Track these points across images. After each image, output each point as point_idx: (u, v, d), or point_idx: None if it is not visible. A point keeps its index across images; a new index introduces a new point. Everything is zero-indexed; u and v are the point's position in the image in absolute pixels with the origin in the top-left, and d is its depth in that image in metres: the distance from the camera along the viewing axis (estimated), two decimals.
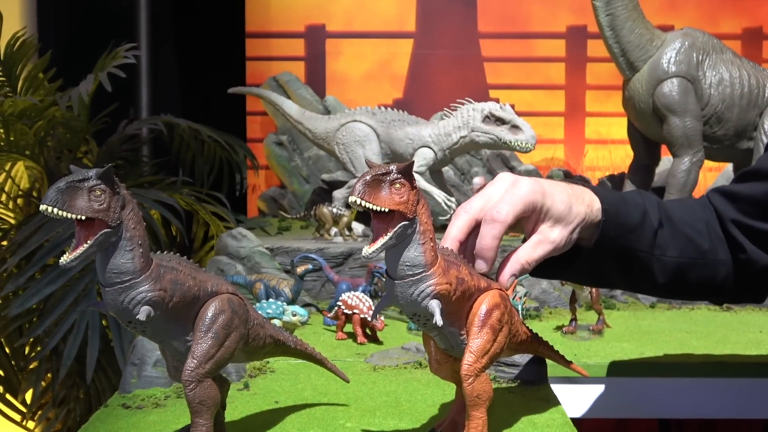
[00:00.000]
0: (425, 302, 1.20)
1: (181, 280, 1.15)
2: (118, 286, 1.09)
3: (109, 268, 1.09)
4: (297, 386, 1.75)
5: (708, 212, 1.60)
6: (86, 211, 1.04)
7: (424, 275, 1.19)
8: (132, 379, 1.74)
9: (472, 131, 3.43)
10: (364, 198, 1.14)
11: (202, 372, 1.16)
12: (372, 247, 1.15)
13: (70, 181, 1.04)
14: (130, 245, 1.09)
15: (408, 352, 2.06)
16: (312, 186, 4.56)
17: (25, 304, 2.88)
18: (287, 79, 4.81)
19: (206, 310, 1.19)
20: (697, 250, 1.52)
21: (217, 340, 1.18)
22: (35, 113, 3.46)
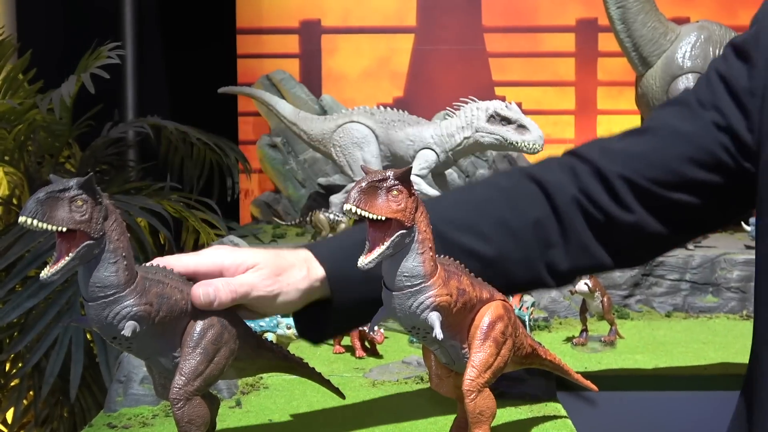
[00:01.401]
0: (424, 314, 1.21)
1: (168, 293, 1.16)
2: (102, 300, 1.10)
3: (92, 282, 1.09)
4: (292, 403, 1.76)
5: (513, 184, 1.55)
6: (67, 222, 1.05)
7: (423, 286, 1.20)
8: (118, 397, 1.75)
9: (476, 132, 3.44)
10: (360, 206, 1.15)
11: (190, 390, 1.16)
12: (368, 258, 1.16)
13: (50, 191, 1.05)
14: (113, 257, 1.10)
15: (409, 366, 2.07)
16: (308, 191, 4.57)
17: (5, 318, 2.89)
18: (281, 78, 4.82)
19: (194, 324, 1.20)
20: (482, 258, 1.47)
21: (206, 356, 1.19)
22: (15, 117, 3.47)
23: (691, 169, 1.49)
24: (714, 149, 1.48)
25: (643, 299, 2.93)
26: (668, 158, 1.51)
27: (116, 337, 1.12)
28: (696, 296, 2.92)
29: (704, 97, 1.52)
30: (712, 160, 1.48)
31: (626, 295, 2.93)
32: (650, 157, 1.52)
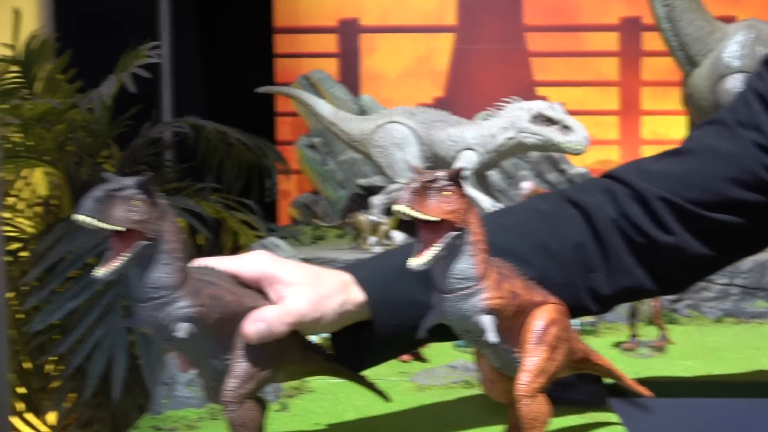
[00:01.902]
0: (477, 318, 1.20)
1: (220, 295, 1.16)
2: (156, 301, 1.10)
3: (145, 283, 1.09)
4: (338, 407, 1.76)
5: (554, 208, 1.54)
6: (124, 221, 1.05)
7: (476, 289, 1.19)
8: (163, 400, 1.75)
9: (519, 132, 3.42)
10: (412, 206, 1.14)
11: (243, 392, 1.17)
12: (420, 259, 1.16)
13: (107, 189, 1.05)
14: (168, 259, 1.10)
15: (455, 370, 2.06)
16: (347, 192, 4.57)
17: (48, 319, 2.91)
18: (319, 77, 4.82)
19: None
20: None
21: (258, 358, 1.19)
22: (54, 116, 3.51)
23: (733, 190, 1.49)
24: (756, 169, 1.48)
25: (692, 304, 2.91)
26: (709, 179, 1.50)
27: (169, 338, 1.12)
28: (746, 301, 2.89)
29: (743, 117, 1.52)
30: (755, 180, 1.48)
31: (675, 300, 2.91)
32: (690, 178, 1.51)
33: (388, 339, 1.39)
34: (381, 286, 1.37)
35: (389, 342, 1.40)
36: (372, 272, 1.39)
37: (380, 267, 1.42)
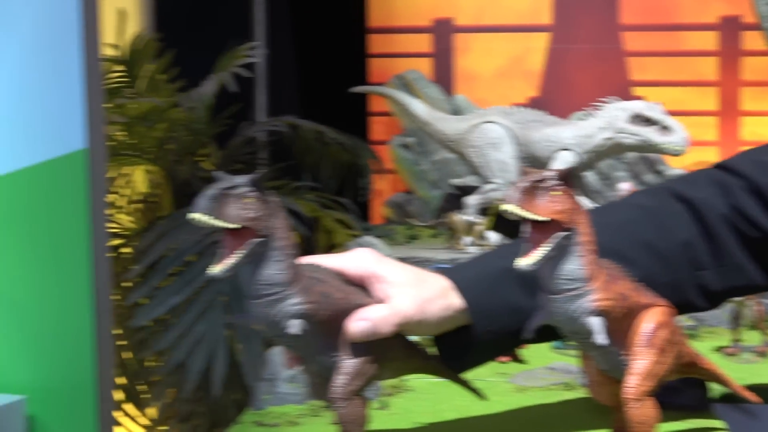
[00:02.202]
0: (585, 319, 1.19)
1: (329, 292, 1.17)
2: (268, 298, 1.11)
3: (258, 280, 1.11)
4: (438, 407, 1.76)
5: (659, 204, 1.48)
6: (237, 219, 1.06)
7: (585, 290, 1.18)
8: (265, 396, 1.77)
9: (617, 132, 3.39)
10: (521, 206, 1.14)
11: (350, 389, 1.17)
12: (528, 259, 1.15)
13: (220, 188, 1.06)
14: (280, 255, 1.11)
15: (555, 372, 2.04)
16: (440, 191, 4.57)
17: (151, 314, 2.97)
18: (413, 77, 4.83)
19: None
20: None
21: (366, 355, 1.19)
22: (157, 115, 3.58)
23: None
24: None
25: None
26: None
27: (280, 335, 1.13)
28: None
29: None
30: None
31: None
32: None
33: (489, 343, 1.38)
34: (479, 292, 1.36)
35: (490, 345, 1.40)
36: (470, 278, 1.38)
37: (478, 272, 1.40)
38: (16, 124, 2.43)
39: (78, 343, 2.54)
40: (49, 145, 2.42)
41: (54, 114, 2.41)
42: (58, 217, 2.49)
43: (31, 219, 2.50)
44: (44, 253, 2.52)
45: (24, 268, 2.53)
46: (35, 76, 2.41)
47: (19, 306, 2.54)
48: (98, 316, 2.51)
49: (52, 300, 2.54)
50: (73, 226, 2.47)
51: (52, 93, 2.41)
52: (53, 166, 2.44)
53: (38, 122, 2.43)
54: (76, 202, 2.46)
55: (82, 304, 2.52)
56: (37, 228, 2.51)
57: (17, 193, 2.48)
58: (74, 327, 2.54)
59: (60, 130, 2.41)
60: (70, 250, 2.50)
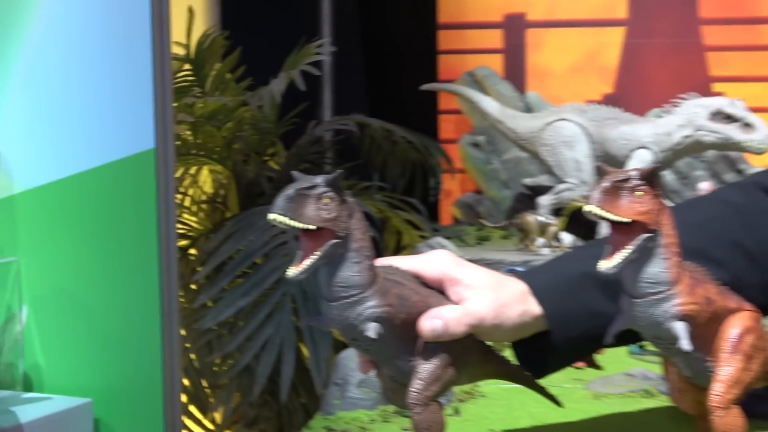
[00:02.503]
0: (669, 324, 1.17)
1: (407, 295, 1.17)
2: (345, 300, 1.11)
3: (335, 282, 1.11)
4: (512, 414, 1.75)
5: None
6: (315, 220, 1.07)
7: (669, 294, 1.17)
8: (335, 400, 1.78)
9: (697, 130, 3.34)
10: (603, 207, 1.13)
11: (428, 394, 1.17)
12: (611, 261, 1.14)
13: (298, 188, 1.07)
14: (357, 257, 1.11)
15: (634, 379, 2.02)
16: (512, 191, 4.55)
17: (219, 317, 3.00)
18: (484, 74, 4.82)
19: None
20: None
21: (444, 360, 1.20)
22: (224, 114, 3.61)
23: None
24: None
25: None
26: None
27: (356, 338, 1.14)
28: None
29: None
30: None
31: None
32: None
33: (569, 349, 1.37)
34: (557, 297, 1.34)
35: (569, 350, 1.38)
36: (546, 282, 1.37)
37: (555, 276, 1.39)
38: (86, 123, 2.46)
39: (145, 346, 2.57)
40: (118, 145, 2.46)
41: (123, 113, 2.44)
42: (126, 217, 2.52)
43: (99, 220, 2.53)
44: (112, 254, 2.55)
45: (91, 269, 2.56)
46: (106, 75, 2.44)
47: (87, 308, 2.58)
48: (166, 318, 2.54)
49: (120, 301, 2.57)
50: (142, 227, 2.50)
51: (121, 92, 2.44)
52: (122, 166, 2.47)
53: (107, 122, 2.46)
54: (144, 202, 2.49)
55: (149, 306, 2.54)
56: (106, 229, 2.54)
57: (86, 194, 2.52)
58: (141, 329, 2.57)
59: (129, 130, 2.44)
60: (138, 251, 2.53)
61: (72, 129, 2.49)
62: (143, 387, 2.60)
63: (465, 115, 4.86)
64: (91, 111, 2.47)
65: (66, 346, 2.61)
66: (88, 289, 2.59)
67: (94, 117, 2.47)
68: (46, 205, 2.55)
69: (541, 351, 1.37)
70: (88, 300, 2.58)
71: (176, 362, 2.56)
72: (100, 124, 2.47)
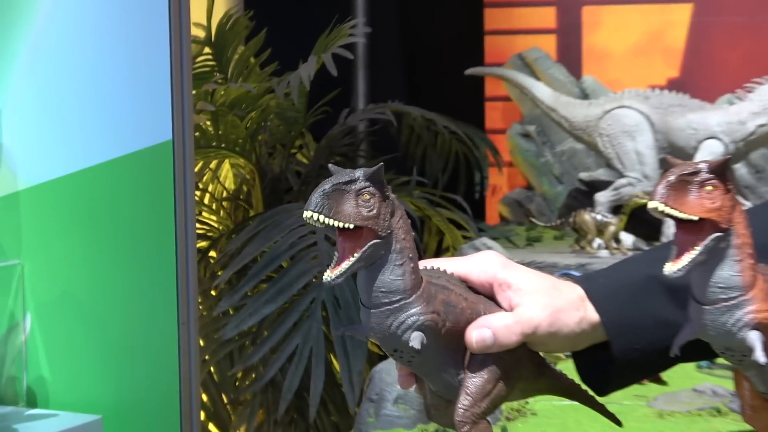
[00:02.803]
0: (743, 333, 1.17)
1: (454, 301, 1.16)
2: (386, 307, 1.11)
3: (376, 287, 1.11)
4: None
5: None
6: (354, 218, 1.06)
7: (742, 300, 1.16)
8: (369, 418, 1.79)
9: None
10: (669, 203, 1.12)
11: (477, 412, 1.17)
12: (676, 264, 1.13)
13: (335, 183, 1.06)
14: (400, 259, 1.11)
15: (702, 395, 2.01)
16: (566, 187, 4.55)
17: (242, 325, 3.01)
18: (535, 57, 4.82)
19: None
20: None
21: (494, 374, 1.19)
22: (248, 102, 3.62)
23: None
24: None
25: None
26: None
27: (398, 349, 1.14)
28: None
29: None
30: None
31: None
32: None
33: (633, 363, 1.37)
34: (618, 303, 1.33)
35: (634, 365, 1.38)
36: (607, 287, 1.35)
37: (616, 281, 1.37)
38: (95, 113, 2.48)
39: (160, 357, 2.58)
40: (131, 137, 2.47)
41: (137, 102, 2.46)
42: (140, 217, 2.54)
43: (110, 219, 2.55)
44: (125, 257, 2.57)
45: (102, 274, 2.58)
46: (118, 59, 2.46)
47: (96, 315, 2.59)
48: (183, 327, 2.55)
49: (133, 309, 2.59)
50: (157, 227, 2.52)
51: (135, 78, 2.45)
52: (135, 160, 2.48)
53: (118, 111, 2.47)
54: (160, 200, 2.50)
55: (165, 314, 2.56)
56: (117, 229, 2.56)
57: (95, 191, 2.53)
58: (156, 339, 2.58)
59: (143, 120, 2.46)
60: (153, 253, 2.54)
61: (80, 120, 2.50)
62: (158, 403, 2.62)
63: (514, 102, 4.86)
64: (100, 100, 2.49)
65: (73, 357, 2.63)
66: (98, 296, 2.61)
67: (103, 106, 2.49)
68: (52, 203, 2.57)
69: (602, 365, 1.37)
70: (98, 307, 2.60)
71: (194, 376, 2.57)
72: (110, 115, 2.49)
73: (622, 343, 1.31)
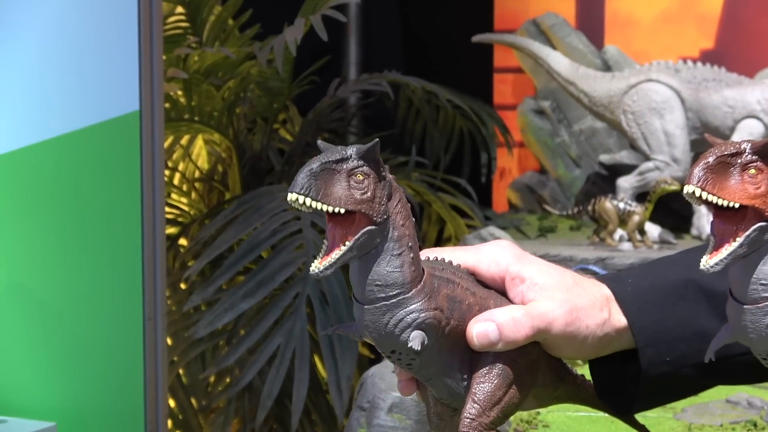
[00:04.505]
0: None
1: (460, 296, 1.16)
2: (382, 303, 1.10)
3: (370, 279, 1.10)
4: None
5: None
6: (346, 202, 1.05)
7: None
8: (360, 429, 1.79)
9: None
10: (706, 188, 1.11)
11: (486, 422, 1.16)
12: (714, 258, 1.12)
13: (325, 161, 1.05)
14: (398, 248, 1.10)
15: (736, 407, 2.02)
16: (584, 171, 4.55)
17: (215, 322, 3.00)
18: (552, 23, 4.81)
19: None
20: None
21: (505, 378, 1.19)
22: (225, 70, 3.61)
23: None
24: None
25: None
26: None
27: (395, 350, 1.13)
28: None
29: None
30: None
31: None
32: None
33: (662, 378, 1.35)
34: (649, 307, 1.30)
35: (661, 380, 1.36)
36: (637, 289, 1.34)
37: (648, 283, 1.34)
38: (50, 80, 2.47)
39: (122, 358, 2.58)
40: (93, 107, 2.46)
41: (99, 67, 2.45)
42: (101, 199, 2.53)
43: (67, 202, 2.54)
44: (84, 244, 2.56)
45: (58, 263, 2.58)
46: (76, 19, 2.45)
47: (51, 310, 2.59)
48: (149, 323, 2.55)
49: (93, 303, 2.58)
50: (121, 211, 2.51)
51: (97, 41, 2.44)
52: (97, 134, 2.47)
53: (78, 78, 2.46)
54: (124, 180, 2.49)
55: (129, 309, 2.55)
56: (76, 213, 2.55)
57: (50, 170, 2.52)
58: (118, 337, 2.58)
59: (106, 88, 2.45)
60: (116, 240, 2.54)
61: (33, 87, 2.49)
62: (119, 409, 2.62)
63: (526, 74, 4.86)
64: (58, 65, 2.48)
65: (24, 357, 2.62)
66: (52, 288, 2.60)
67: (61, 72, 2.47)
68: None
69: (625, 379, 1.35)
70: (53, 301, 2.60)
71: (161, 379, 2.57)
72: (69, 82, 2.47)
73: (652, 353, 1.29)
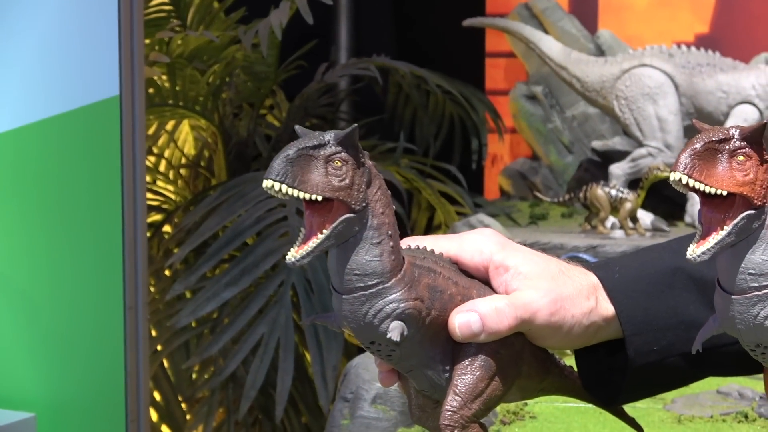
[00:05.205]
0: None
1: (441, 286, 1.15)
2: (361, 292, 1.10)
3: (349, 268, 1.09)
4: None
5: None
6: (323, 189, 1.05)
7: None
8: (343, 420, 1.78)
9: None
10: (693, 175, 1.11)
11: (467, 414, 1.16)
12: (701, 247, 1.12)
13: (301, 147, 1.05)
14: (377, 237, 1.09)
15: (726, 398, 2.02)
16: (576, 157, 4.55)
17: (199, 311, 3.00)
18: (544, 7, 4.82)
19: None
20: None
21: (488, 370, 1.19)
22: (210, 54, 3.60)
23: None
24: None
25: None
26: None
27: (374, 341, 1.13)
28: None
29: None
30: None
31: None
32: None
33: (649, 368, 1.35)
34: (637, 296, 1.30)
35: (648, 371, 1.36)
36: (625, 277, 1.33)
37: (637, 271, 1.34)
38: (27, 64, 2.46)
39: (102, 348, 2.58)
40: (71, 92, 2.45)
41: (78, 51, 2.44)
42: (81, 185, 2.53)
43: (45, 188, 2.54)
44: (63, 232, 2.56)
45: (36, 251, 2.57)
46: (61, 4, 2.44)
47: (29, 299, 2.58)
48: (130, 312, 2.55)
49: (72, 291, 2.57)
50: (101, 198, 2.50)
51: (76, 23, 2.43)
52: (75, 120, 2.46)
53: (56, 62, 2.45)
54: (104, 166, 2.49)
55: (109, 298, 2.55)
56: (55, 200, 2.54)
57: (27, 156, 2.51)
58: (98, 327, 2.58)
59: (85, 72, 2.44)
60: (96, 227, 2.53)
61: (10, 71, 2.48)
62: (100, 400, 2.61)
63: (518, 59, 4.86)
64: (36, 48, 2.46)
65: (2, 346, 2.62)
66: (31, 276, 2.59)
67: (38, 55, 2.46)
68: None
69: (611, 369, 1.35)
70: (32, 290, 2.59)
71: (143, 369, 2.56)
72: (46, 66, 2.46)
73: (639, 341, 1.28)
